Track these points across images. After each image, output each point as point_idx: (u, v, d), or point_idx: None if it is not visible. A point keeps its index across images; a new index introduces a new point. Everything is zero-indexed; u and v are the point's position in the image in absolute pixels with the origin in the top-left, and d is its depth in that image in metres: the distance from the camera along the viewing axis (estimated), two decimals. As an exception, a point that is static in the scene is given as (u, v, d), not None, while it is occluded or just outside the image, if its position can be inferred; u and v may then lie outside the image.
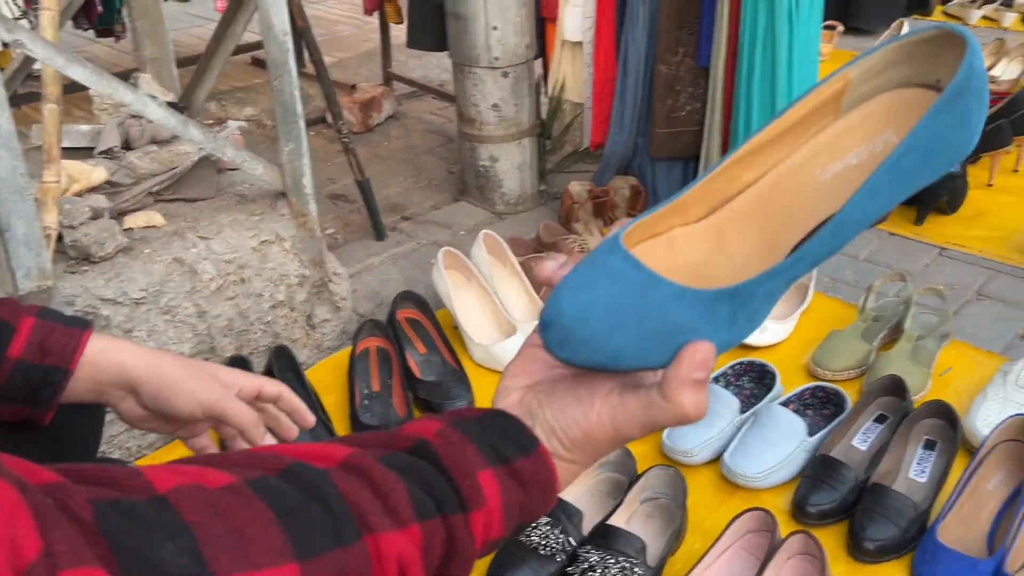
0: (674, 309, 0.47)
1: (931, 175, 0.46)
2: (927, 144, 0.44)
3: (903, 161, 0.45)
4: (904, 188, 0.46)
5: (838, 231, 0.46)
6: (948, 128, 0.44)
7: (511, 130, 2.06)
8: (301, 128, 1.44)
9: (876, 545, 1.15)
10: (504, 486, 0.49)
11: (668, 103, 1.92)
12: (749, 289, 0.47)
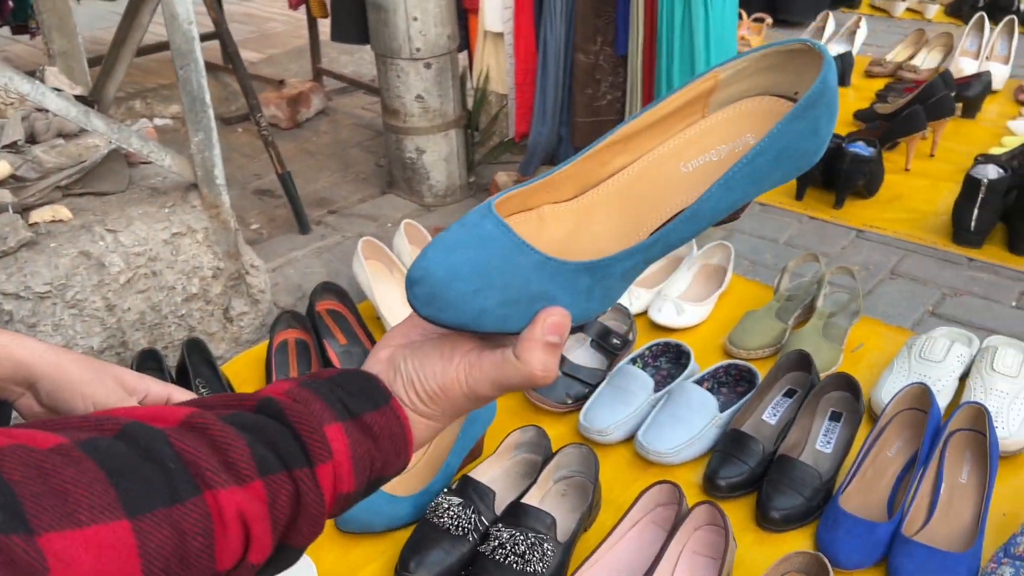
0: (537, 277, 0.49)
1: (782, 176, 0.50)
2: (780, 147, 0.48)
3: (757, 160, 0.48)
4: (756, 185, 0.50)
5: (693, 219, 0.50)
6: (799, 135, 0.48)
7: (436, 121, 2.06)
8: (210, 118, 1.42)
9: (782, 514, 1.18)
10: (352, 439, 0.49)
11: (588, 92, 1.94)
12: (608, 265, 0.50)
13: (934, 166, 2.34)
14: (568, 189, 0.53)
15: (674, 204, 0.52)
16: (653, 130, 0.53)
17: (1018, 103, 2.80)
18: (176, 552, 0.42)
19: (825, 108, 0.49)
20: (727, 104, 0.53)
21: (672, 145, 0.54)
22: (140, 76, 3.01)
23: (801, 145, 0.49)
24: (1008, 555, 1.08)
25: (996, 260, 1.89)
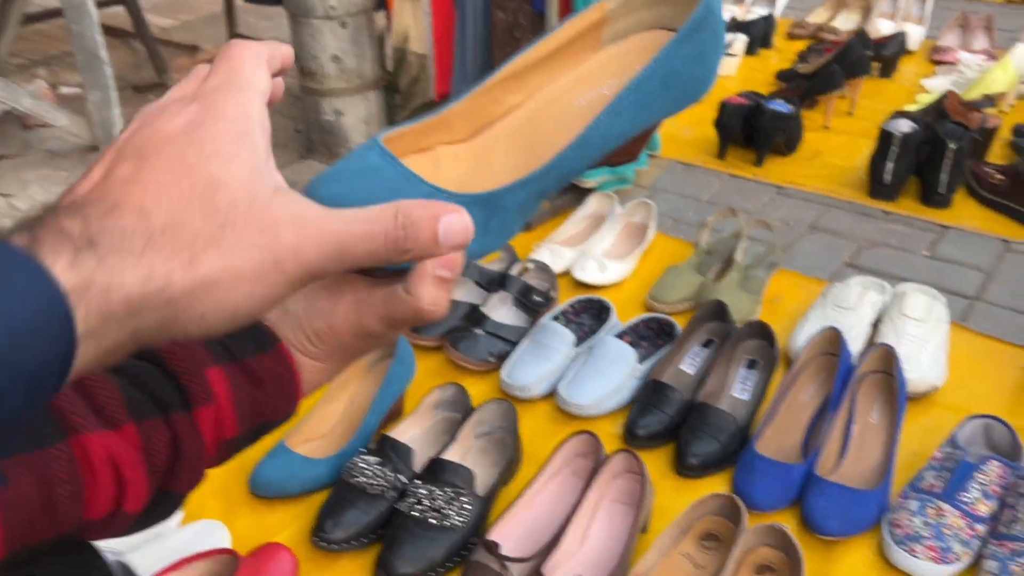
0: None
1: (673, 103, 0.50)
2: (665, 72, 0.48)
3: (644, 86, 0.48)
4: (645, 111, 0.49)
5: (583, 146, 0.49)
6: (685, 59, 0.48)
7: (355, 82, 2.01)
8: (107, 75, 1.36)
9: (699, 460, 1.19)
10: (235, 382, 0.47)
11: (508, 50, 1.91)
12: (501, 197, 0.48)
13: (853, 123, 2.38)
14: (462, 129, 0.51)
15: (569, 137, 0.50)
16: (545, 65, 0.52)
17: (932, 62, 2.86)
18: (42, 501, 0.40)
19: (710, 33, 0.48)
20: (618, 39, 0.53)
21: (566, 81, 0.53)
22: (45, 43, 2.88)
23: (688, 70, 0.48)
24: (915, 490, 1.11)
25: (910, 212, 1.93)
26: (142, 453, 0.44)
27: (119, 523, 0.45)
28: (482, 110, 0.52)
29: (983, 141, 2.10)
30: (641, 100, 0.48)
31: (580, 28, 0.51)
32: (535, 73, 0.52)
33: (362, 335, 0.48)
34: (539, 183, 0.49)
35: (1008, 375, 1.41)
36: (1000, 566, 1.01)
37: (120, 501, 0.44)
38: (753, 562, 1.02)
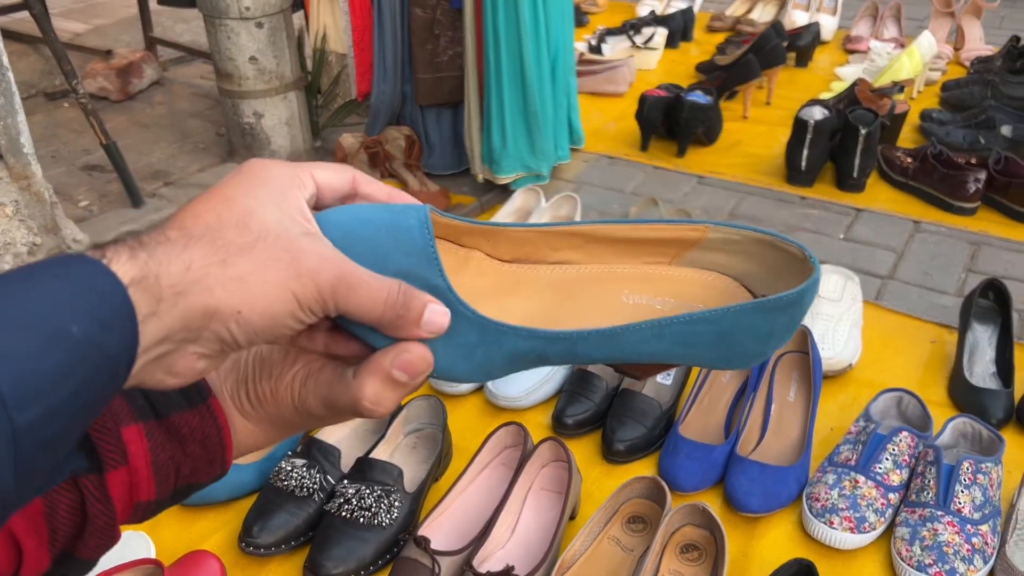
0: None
1: (711, 358, 0.46)
2: (726, 328, 0.44)
3: (699, 326, 0.44)
4: (684, 350, 0.45)
5: (609, 340, 0.45)
6: (752, 329, 0.44)
7: (274, 84, 1.98)
8: (10, 81, 1.31)
9: (625, 445, 1.21)
10: (154, 442, 0.44)
11: (428, 48, 1.91)
12: (503, 333, 0.45)
13: (770, 113, 2.44)
14: (507, 250, 0.49)
15: (600, 322, 0.47)
16: (618, 246, 0.49)
17: (846, 51, 2.95)
18: None
19: (788, 319, 0.44)
20: (698, 266, 0.50)
21: (628, 271, 0.50)
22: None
23: (747, 340, 0.45)
24: (832, 464, 1.15)
25: (826, 197, 1.99)
26: (44, 519, 0.41)
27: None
28: (535, 246, 0.49)
29: (893, 126, 2.17)
30: (688, 337, 0.44)
31: (672, 235, 0.48)
32: (605, 247, 0.49)
33: (301, 411, 0.46)
34: (546, 345, 0.45)
35: (919, 350, 1.46)
36: (911, 532, 1.05)
37: (15, 569, 0.41)
38: (678, 542, 1.04)
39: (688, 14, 3.07)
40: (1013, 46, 2.54)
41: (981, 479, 1.08)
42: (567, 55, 1.95)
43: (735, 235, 0.47)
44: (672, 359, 0.45)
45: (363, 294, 0.40)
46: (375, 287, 0.40)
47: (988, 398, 1.29)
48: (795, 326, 0.45)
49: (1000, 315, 1.43)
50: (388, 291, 0.40)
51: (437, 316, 0.42)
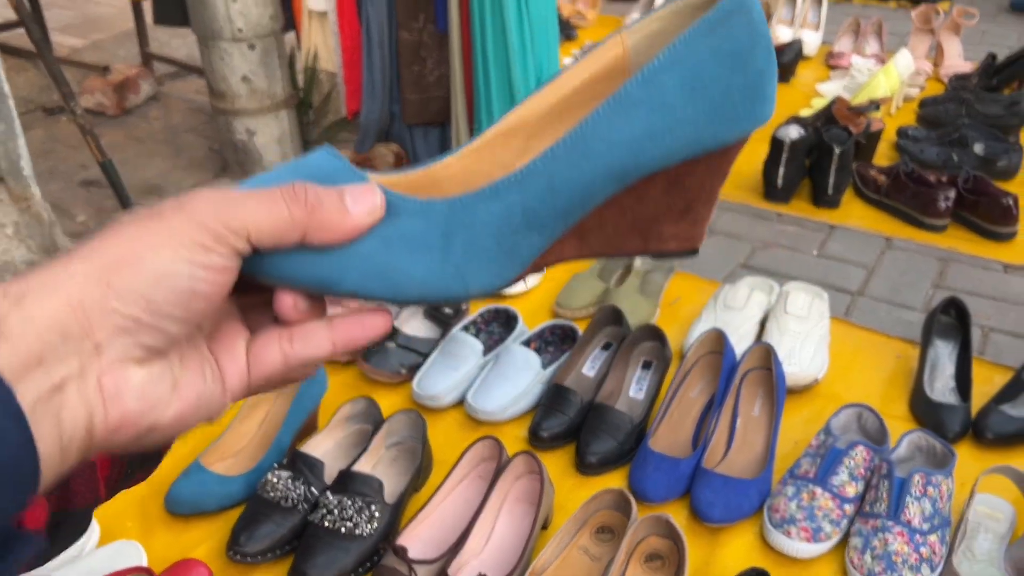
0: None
1: (707, 119, 0.38)
2: (688, 69, 0.37)
3: (659, 79, 0.37)
4: (666, 118, 0.37)
5: (577, 147, 0.37)
6: (716, 59, 0.37)
7: (265, 102, 2.04)
8: (10, 108, 1.37)
9: (597, 458, 1.26)
10: None
11: (415, 69, 1.97)
12: (468, 207, 0.38)
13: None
14: (454, 188, 0.41)
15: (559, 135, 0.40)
16: (559, 120, 0.42)
17: (828, 67, 3.02)
18: None
19: (744, 30, 0.37)
20: None
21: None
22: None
23: (721, 76, 0.37)
24: (792, 476, 1.20)
25: (802, 214, 2.05)
26: None
27: (28, 548, 0.48)
28: (484, 175, 0.41)
29: (869, 144, 2.24)
30: (657, 100, 0.37)
31: (599, 68, 0.41)
32: (549, 130, 0.42)
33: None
34: (520, 191, 0.38)
35: (884, 365, 1.52)
36: (863, 542, 1.10)
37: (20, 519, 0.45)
38: (643, 551, 1.10)
39: (674, 29, 3.13)
40: (989, 63, 2.61)
41: (931, 491, 1.14)
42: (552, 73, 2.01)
43: (653, 23, 0.41)
44: (663, 146, 0.38)
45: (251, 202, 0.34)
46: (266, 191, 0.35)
47: (946, 413, 1.35)
48: (762, 39, 0.38)
49: (960, 332, 1.49)
50: (282, 189, 0.35)
51: (361, 193, 0.36)
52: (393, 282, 0.37)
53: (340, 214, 0.35)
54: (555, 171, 0.38)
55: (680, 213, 0.40)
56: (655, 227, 0.41)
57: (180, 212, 0.34)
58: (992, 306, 1.68)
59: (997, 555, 1.12)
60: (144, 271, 0.32)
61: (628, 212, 0.40)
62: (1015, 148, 2.17)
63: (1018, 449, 1.32)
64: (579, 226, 0.40)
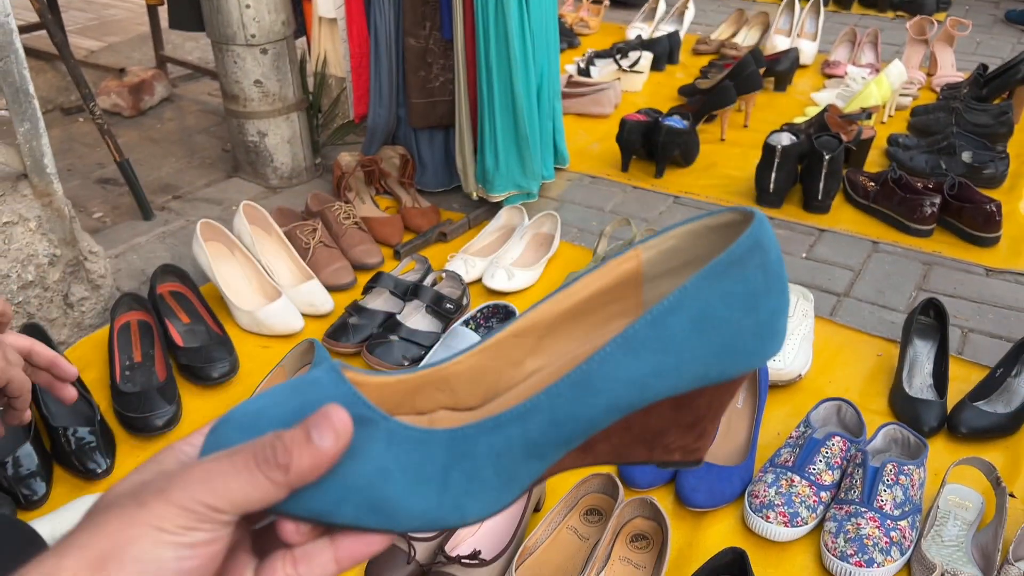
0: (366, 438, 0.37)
1: (714, 359, 0.37)
2: (698, 310, 0.37)
3: (667, 321, 0.37)
4: (672, 358, 0.37)
5: (582, 385, 0.38)
6: (725, 299, 0.37)
7: (277, 105, 2.12)
8: (35, 108, 1.45)
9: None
10: None
11: (421, 75, 2.04)
12: (468, 438, 0.38)
13: (746, 136, 2.57)
14: (468, 393, 0.43)
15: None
16: (570, 326, 0.43)
17: (824, 76, 3.09)
18: None
19: (758, 272, 0.37)
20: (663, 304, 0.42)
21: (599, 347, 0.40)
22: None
23: (730, 315, 0.37)
24: (773, 465, 1.27)
25: (792, 218, 2.12)
26: None
27: None
28: (494, 372, 0.43)
29: (859, 151, 2.30)
30: (665, 341, 0.37)
31: (612, 279, 0.42)
32: (560, 332, 0.43)
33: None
34: (521, 425, 0.38)
35: (865, 362, 1.59)
36: (838, 526, 1.17)
37: None
38: (629, 532, 1.17)
39: (674, 37, 3.20)
40: (979, 74, 2.67)
41: (903, 480, 1.21)
42: (552, 83, 2.08)
43: (669, 240, 0.41)
44: (669, 381, 0.38)
45: (231, 481, 0.34)
46: (237, 454, 0.35)
47: (922, 408, 1.41)
48: (776, 280, 0.38)
49: (939, 332, 1.56)
50: (253, 447, 0.35)
51: (328, 418, 0.35)
52: (389, 516, 0.37)
53: (313, 457, 0.35)
54: (558, 407, 0.38)
55: (687, 428, 0.40)
56: (661, 439, 0.40)
57: (160, 498, 0.34)
58: (972, 308, 1.74)
59: (965, 540, 1.19)
60: (128, 563, 0.33)
61: (634, 427, 0.40)
62: (1001, 157, 2.23)
63: (990, 444, 1.39)
64: (583, 444, 0.40)
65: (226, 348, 1.54)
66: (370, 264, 1.86)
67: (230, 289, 1.67)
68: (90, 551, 0.33)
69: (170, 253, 1.88)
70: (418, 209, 2.08)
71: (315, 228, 1.85)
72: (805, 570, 1.17)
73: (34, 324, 1.48)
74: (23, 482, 1.25)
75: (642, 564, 1.13)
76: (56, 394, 0.78)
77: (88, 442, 1.32)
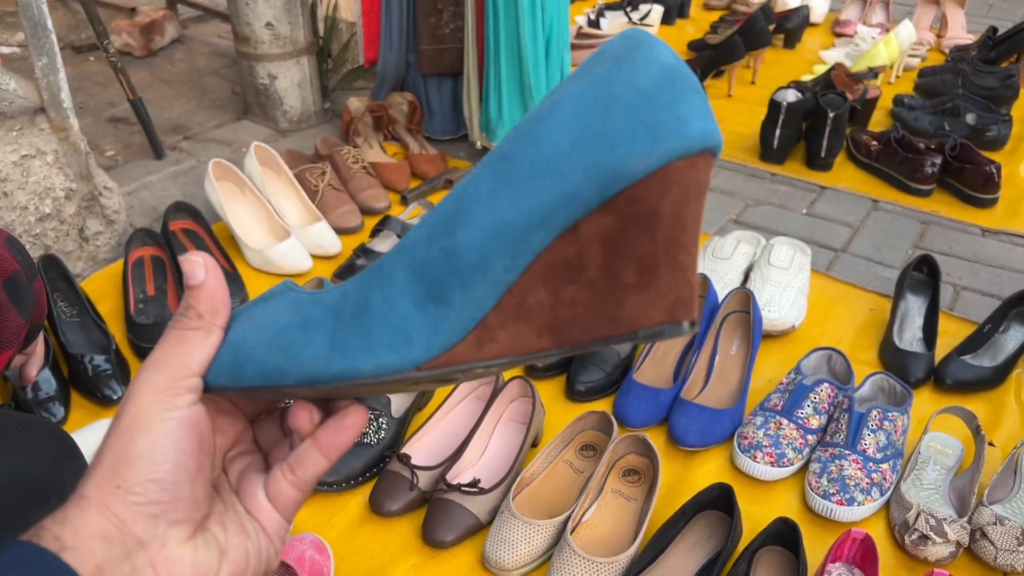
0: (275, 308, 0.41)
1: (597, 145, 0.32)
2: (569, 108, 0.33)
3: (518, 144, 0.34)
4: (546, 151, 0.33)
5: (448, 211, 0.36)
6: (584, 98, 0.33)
7: (288, 48, 2.13)
8: (53, 43, 1.47)
9: (585, 387, 1.38)
10: None
11: (432, 21, 2.05)
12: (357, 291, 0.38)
13: (754, 92, 2.59)
14: None
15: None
16: None
17: (834, 34, 3.08)
18: None
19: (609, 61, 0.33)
20: None
21: None
22: (-20, 2, 2.91)
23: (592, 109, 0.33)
24: (762, 409, 1.32)
25: (794, 175, 2.15)
26: None
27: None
28: None
29: (864, 110, 2.32)
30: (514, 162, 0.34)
31: None
32: None
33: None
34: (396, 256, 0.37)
35: (858, 316, 1.63)
36: (822, 467, 1.23)
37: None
38: (621, 467, 1.22)
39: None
40: (989, 36, 2.67)
41: (887, 425, 1.26)
42: (562, 33, 2.09)
43: None
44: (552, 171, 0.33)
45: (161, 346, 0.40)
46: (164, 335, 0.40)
47: (911, 360, 1.46)
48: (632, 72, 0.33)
49: (931, 288, 1.60)
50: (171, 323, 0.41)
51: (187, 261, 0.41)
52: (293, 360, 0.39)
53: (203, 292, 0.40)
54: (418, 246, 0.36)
55: (640, 274, 0.33)
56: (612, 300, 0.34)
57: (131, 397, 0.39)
58: (966, 267, 1.78)
59: (943, 484, 1.24)
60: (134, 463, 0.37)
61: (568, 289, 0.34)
62: (1005, 120, 2.25)
63: (974, 396, 1.43)
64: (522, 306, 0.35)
65: (237, 284, 1.58)
66: (378, 208, 1.90)
67: (241, 228, 1.71)
68: (102, 464, 0.38)
69: (181, 192, 1.91)
70: (425, 156, 2.11)
71: (324, 171, 1.88)
72: (789, 508, 1.22)
73: (51, 255, 1.52)
74: (42, 405, 1.31)
75: (633, 496, 1.19)
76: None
77: (104, 370, 1.37)
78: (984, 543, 1.12)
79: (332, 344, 0.37)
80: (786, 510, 1.21)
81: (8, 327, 0.65)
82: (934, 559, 1.11)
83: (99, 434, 1.28)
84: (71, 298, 1.49)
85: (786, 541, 1.10)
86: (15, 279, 0.67)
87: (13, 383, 1.31)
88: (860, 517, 1.18)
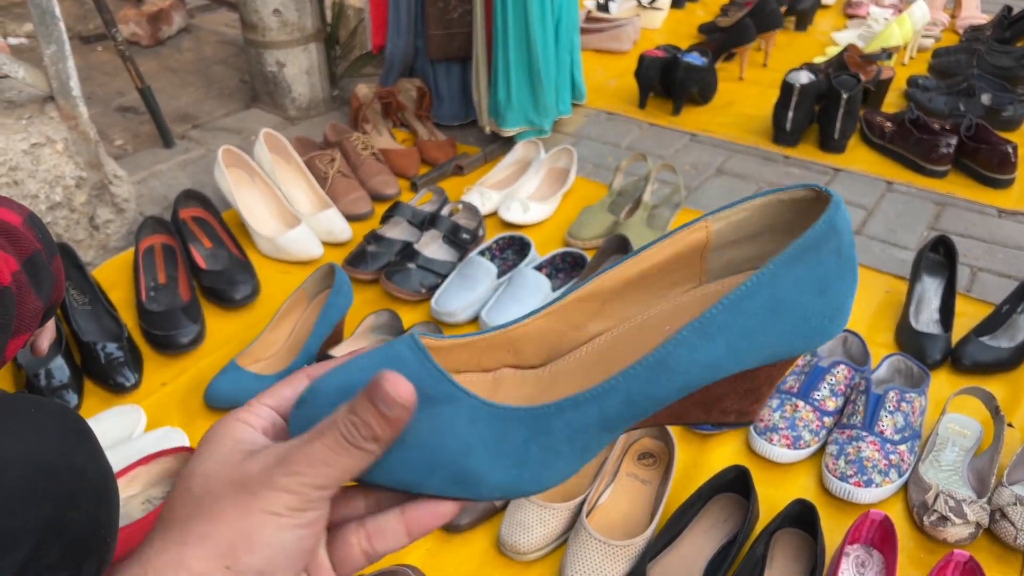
0: (451, 416, 0.39)
1: (784, 340, 0.40)
2: (773, 295, 0.39)
3: (744, 304, 0.39)
4: (747, 342, 0.39)
5: (659, 367, 0.39)
6: (799, 284, 0.39)
7: (295, 35, 2.12)
8: (61, 31, 1.46)
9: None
10: None
11: (440, 6, 2.04)
12: (548, 415, 0.40)
13: (765, 75, 2.56)
14: (533, 353, 0.45)
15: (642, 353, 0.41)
16: (634, 291, 0.45)
17: (846, 16, 3.05)
18: None
19: (832, 257, 0.39)
20: (730, 272, 0.45)
21: (661, 312, 0.45)
22: (-12, -7, 2.91)
23: (804, 301, 0.39)
24: (779, 391, 1.31)
25: (808, 157, 2.13)
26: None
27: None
28: (557, 334, 0.45)
29: (878, 92, 2.29)
30: (740, 323, 0.39)
31: (679, 247, 0.43)
32: (624, 298, 0.45)
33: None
34: (598, 404, 0.40)
35: (874, 297, 1.61)
36: (839, 449, 1.21)
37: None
38: (637, 450, 1.22)
39: (695, -25, 3.16)
40: (1004, 16, 2.64)
41: (904, 407, 1.24)
42: (571, 15, 2.08)
43: (739, 213, 0.43)
44: (743, 362, 0.40)
45: (315, 445, 0.37)
46: (325, 435, 0.37)
47: (928, 341, 1.44)
48: (848, 263, 0.40)
49: (947, 269, 1.58)
50: (335, 427, 0.37)
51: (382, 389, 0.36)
52: (472, 486, 0.39)
53: (392, 427, 0.37)
54: (634, 388, 0.40)
55: (744, 394, 0.42)
56: (719, 404, 0.42)
57: (270, 487, 0.36)
58: (983, 248, 1.76)
59: (962, 465, 1.23)
60: (258, 549, 0.36)
61: (696, 395, 0.41)
62: (1021, 99, 2.22)
63: (992, 377, 1.42)
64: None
65: (248, 271, 1.58)
66: (388, 195, 1.89)
67: (251, 215, 1.70)
68: (216, 540, 0.36)
69: (191, 180, 1.91)
70: (435, 142, 2.10)
71: (334, 158, 1.88)
72: (806, 490, 1.21)
73: (62, 243, 1.52)
74: (55, 393, 1.30)
75: (648, 480, 1.18)
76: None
77: (117, 357, 1.36)
78: (1004, 523, 1.10)
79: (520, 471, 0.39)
80: (803, 492, 1.20)
81: (27, 309, 0.65)
82: (953, 540, 1.10)
83: (112, 421, 1.28)
84: (83, 286, 1.48)
85: (804, 523, 1.09)
86: (35, 259, 0.67)
87: (26, 370, 1.31)
88: (878, 499, 1.17)
